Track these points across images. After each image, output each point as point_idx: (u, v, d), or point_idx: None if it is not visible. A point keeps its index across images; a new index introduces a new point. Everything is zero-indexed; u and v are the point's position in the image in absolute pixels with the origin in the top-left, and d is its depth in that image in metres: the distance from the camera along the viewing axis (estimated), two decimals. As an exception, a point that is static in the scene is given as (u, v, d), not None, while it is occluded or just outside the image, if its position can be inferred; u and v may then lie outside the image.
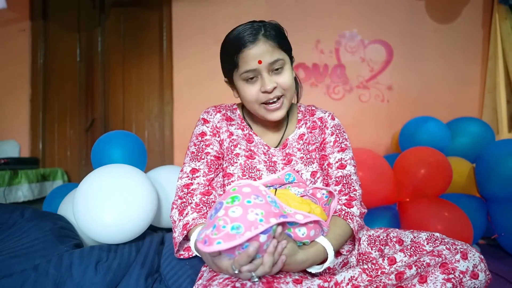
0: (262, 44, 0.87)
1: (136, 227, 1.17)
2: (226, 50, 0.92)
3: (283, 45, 0.91)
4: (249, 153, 0.97)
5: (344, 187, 0.95)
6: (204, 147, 0.98)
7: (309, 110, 1.08)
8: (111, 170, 1.23)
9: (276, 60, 0.88)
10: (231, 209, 0.63)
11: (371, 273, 0.80)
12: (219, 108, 1.04)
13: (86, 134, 3.05)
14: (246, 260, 0.63)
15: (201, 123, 1.01)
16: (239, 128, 1.02)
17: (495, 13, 2.52)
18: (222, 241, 0.59)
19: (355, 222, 0.87)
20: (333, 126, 1.02)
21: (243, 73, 0.89)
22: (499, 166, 1.65)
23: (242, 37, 0.87)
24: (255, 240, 0.62)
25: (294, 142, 1.02)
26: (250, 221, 0.61)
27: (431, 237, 0.82)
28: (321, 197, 0.88)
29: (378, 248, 0.91)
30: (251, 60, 0.87)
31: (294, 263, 0.72)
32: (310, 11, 2.77)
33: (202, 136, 0.99)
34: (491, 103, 2.55)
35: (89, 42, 3.07)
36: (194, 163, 0.96)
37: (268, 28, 0.89)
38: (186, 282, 0.95)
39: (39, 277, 0.98)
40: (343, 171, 0.97)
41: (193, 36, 2.89)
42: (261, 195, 0.67)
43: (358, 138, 2.60)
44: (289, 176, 0.92)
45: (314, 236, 0.77)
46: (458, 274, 0.72)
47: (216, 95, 2.90)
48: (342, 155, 0.99)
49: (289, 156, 0.99)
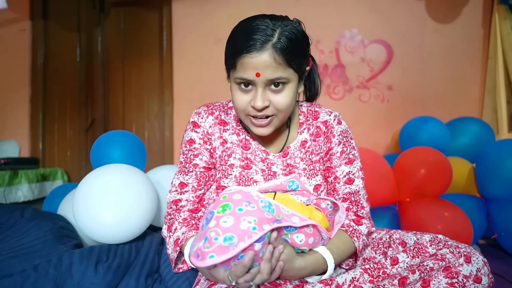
0: (267, 56, 0.75)
1: (136, 227, 1.17)
2: (229, 45, 0.82)
3: (292, 62, 0.78)
4: (245, 163, 0.88)
5: (352, 204, 0.90)
6: (193, 157, 0.90)
7: (312, 112, 0.97)
8: (111, 170, 1.23)
9: (278, 78, 0.77)
10: (222, 219, 0.60)
11: (373, 272, 0.78)
12: (212, 109, 0.94)
13: (86, 134, 3.05)
14: (242, 271, 0.61)
15: (191, 128, 0.92)
16: (234, 133, 0.92)
17: (495, 13, 2.51)
18: (215, 255, 0.57)
19: (361, 241, 0.85)
20: (340, 134, 0.93)
21: (237, 78, 0.79)
22: (499, 166, 1.65)
23: (247, 38, 0.76)
24: (250, 249, 0.60)
25: (296, 151, 0.92)
26: (243, 230, 0.59)
27: (434, 239, 0.81)
28: (325, 207, 0.84)
29: (382, 251, 0.89)
30: (249, 70, 0.76)
31: (292, 269, 0.70)
32: (310, 11, 2.77)
33: (190, 144, 0.91)
34: (491, 103, 2.54)
35: (89, 42, 3.07)
36: (182, 177, 0.90)
37: (283, 37, 0.76)
38: (185, 284, 0.96)
39: (39, 277, 0.98)
40: (351, 186, 0.90)
41: (193, 36, 2.89)
42: (253, 201, 0.64)
43: (358, 138, 2.57)
44: (293, 183, 0.87)
45: (313, 244, 0.74)
46: (461, 279, 0.71)
47: (216, 95, 2.89)
48: (350, 168, 0.91)
49: (290, 168, 0.90)
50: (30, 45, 3.03)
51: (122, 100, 3.04)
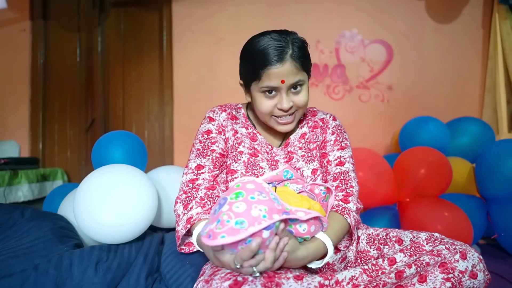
0: (288, 65, 0.88)
1: (136, 227, 1.17)
2: (249, 60, 0.93)
3: (305, 66, 0.93)
4: (253, 151, 1.00)
5: (341, 182, 0.96)
6: (210, 144, 0.99)
7: (311, 111, 1.11)
8: (111, 170, 1.24)
9: (298, 81, 0.91)
10: (235, 204, 0.64)
11: (371, 273, 0.81)
12: (224, 107, 1.06)
13: (86, 134, 3.05)
14: (248, 255, 0.64)
15: (207, 121, 1.03)
16: (243, 127, 1.04)
17: (495, 13, 2.52)
18: (226, 235, 0.60)
19: (352, 217, 0.89)
20: (334, 126, 1.05)
21: (263, 87, 0.91)
22: (499, 166, 1.65)
23: (269, 53, 0.88)
24: (258, 235, 0.63)
25: (296, 141, 1.04)
26: (253, 216, 0.62)
27: (430, 237, 0.83)
28: (319, 193, 0.90)
29: (377, 247, 0.93)
30: (274, 79, 0.89)
31: (295, 260, 0.74)
32: (310, 11, 2.77)
33: (208, 133, 1.01)
34: (491, 103, 2.54)
35: (89, 42, 3.07)
36: (199, 160, 0.98)
37: (295, 47, 0.90)
38: (187, 280, 0.96)
39: (39, 277, 0.98)
40: (341, 167, 0.99)
41: (193, 36, 2.89)
42: (264, 192, 0.68)
43: (358, 138, 2.60)
44: (287, 173, 0.94)
45: (314, 232, 0.78)
46: (457, 274, 0.74)
47: (216, 95, 2.90)
48: (342, 153, 1.01)
49: (290, 154, 1.02)
50: (30, 45, 3.03)
51: (122, 100, 3.04)
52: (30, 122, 3.03)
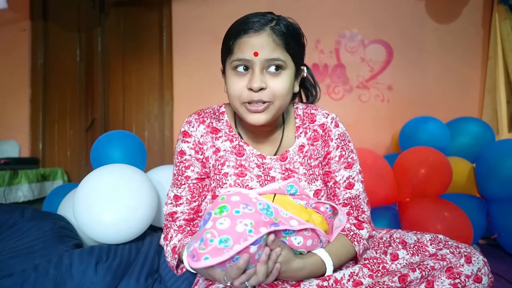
0: (266, 36, 0.76)
1: (136, 227, 1.17)
2: (226, 34, 0.82)
3: (290, 47, 0.79)
4: (240, 170, 0.86)
5: (352, 209, 0.89)
6: (184, 169, 0.89)
7: (308, 114, 0.94)
8: (111, 170, 1.24)
9: (275, 59, 0.76)
10: (219, 220, 0.60)
11: (372, 267, 0.78)
12: (203, 117, 0.92)
13: (86, 134, 3.05)
14: (237, 273, 0.61)
15: (181, 139, 0.91)
16: (226, 140, 0.90)
17: (495, 13, 2.52)
18: (209, 257, 0.57)
19: (361, 245, 0.84)
20: (337, 138, 0.91)
21: (234, 61, 0.78)
22: (499, 166, 1.65)
23: (247, 22, 0.77)
24: (246, 251, 0.59)
25: (295, 156, 0.90)
26: (239, 232, 0.59)
27: (434, 239, 0.81)
28: (324, 210, 0.84)
29: (383, 250, 0.89)
30: (247, 49, 0.76)
31: (290, 270, 0.70)
32: (310, 11, 2.77)
33: (181, 155, 0.90)
34: (491, 103, 2.54)
35: (89, 42, 3.07)
36: (176, 189, 0.89)
37: (281, 23, 0.78)
38: (185, 284, 0.96)
39: (39, 277, 0.98)
40: (351, 191, 0.89)
41: (193, 36, 2.89)
42: (251, 204, 0.64)
43: (358, 138, 2.59)
44: (292, 188, 0.85)
45: (311, 247, 0.74)
46: (463, 279, 0.72)
47: (216, 95, 2.89)
48: (350, 172, 0.90)
49: (289, 172, 0.88)
50: (30, 45, 3.03)
51: (122, 100, 3.04)
52: (30, 122, 3.03)
